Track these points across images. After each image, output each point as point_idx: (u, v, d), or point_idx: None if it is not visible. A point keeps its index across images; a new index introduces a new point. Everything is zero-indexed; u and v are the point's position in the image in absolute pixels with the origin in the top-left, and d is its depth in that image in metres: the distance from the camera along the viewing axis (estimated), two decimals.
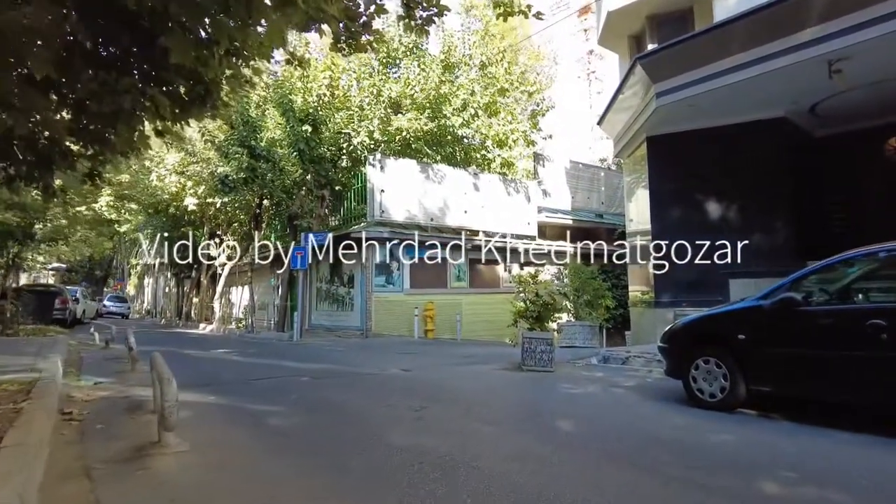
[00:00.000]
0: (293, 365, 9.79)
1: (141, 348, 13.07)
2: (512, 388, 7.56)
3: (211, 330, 23.41)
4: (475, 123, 18.11)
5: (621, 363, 10.27)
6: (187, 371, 8.66)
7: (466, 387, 7.37)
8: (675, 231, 11.87)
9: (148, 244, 37.86)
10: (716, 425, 5.21)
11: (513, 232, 20.27)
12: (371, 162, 16.95)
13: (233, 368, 9.34)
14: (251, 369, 9.18)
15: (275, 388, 7.00)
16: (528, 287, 9.38)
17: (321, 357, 11.49)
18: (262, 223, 23.42)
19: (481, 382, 7.96)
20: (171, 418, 3.87)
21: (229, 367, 9.48)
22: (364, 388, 7.10)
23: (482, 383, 7.88)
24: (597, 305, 14.22)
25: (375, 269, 16.87)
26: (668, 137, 11.89)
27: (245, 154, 15.92)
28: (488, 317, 19.31)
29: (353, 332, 17.12)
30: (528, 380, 8.06)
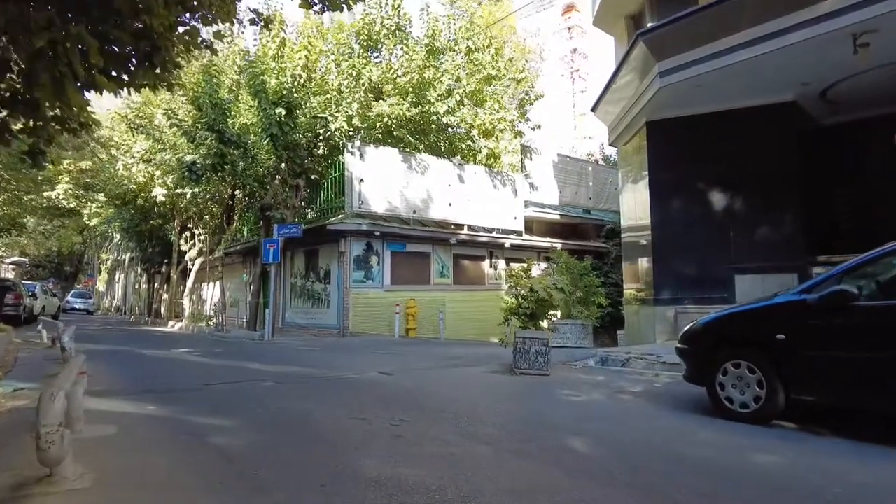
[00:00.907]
0: (258, 367, 8.76)
1: (96, 347, 12.02)
2: (506, 395, 6.64)
3: (180, 328, 22.13)
4: (461, 111, 17.16)
5: (621, 365, 9.43)
6: (134, 373, 7.59)
7: (454, 394, 6.42)
8: (676, 223, 11.08)
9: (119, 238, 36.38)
10: (754, 442, 4.35)
11: (499, 227, 19.39)
12: (350, 149, 15.92)
13: (189, 371, 8.27)
14: (209, 372, 8.13)
15: (230, 396, 5.98)
16: (520, 282, 8.47)
17: (292, 358, 10.46)
18: (235, 215, 22.18)
19: (470, 388, 7.04)
20: (51, 450, 2.85)
21: (185, 370, 8.42)
22: (336, 395, 6.12)
23: (471, 389, 6.95)
24: (589, 303, 13.39)
25: (354, 263, 15.84)
26: (670, 123, 11.09)
27: (214, 139, 14.75)
28: (473, 315, 18.42)
29: (330, 331, 16.08)
30: (523, 385, 7.16)
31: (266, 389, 6.46)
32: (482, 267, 19.29)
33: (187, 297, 23.67)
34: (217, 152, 14.90)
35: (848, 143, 11.15)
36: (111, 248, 44.29)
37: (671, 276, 10.97)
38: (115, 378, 7.07)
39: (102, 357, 9.69)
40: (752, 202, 10.59)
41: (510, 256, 20.05)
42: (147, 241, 29.54)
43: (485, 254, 19.31)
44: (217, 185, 20.79)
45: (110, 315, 41.44)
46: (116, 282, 45.44)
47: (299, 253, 18.13)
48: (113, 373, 7.65)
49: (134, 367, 8.54)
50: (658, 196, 11.24)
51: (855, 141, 11.09)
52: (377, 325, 16.16)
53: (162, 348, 11.99)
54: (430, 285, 17.61)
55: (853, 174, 11.18)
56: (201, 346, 13.21)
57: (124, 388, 6.20)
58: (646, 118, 11.39)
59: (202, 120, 14.81)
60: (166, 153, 19.83)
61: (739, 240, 10.56)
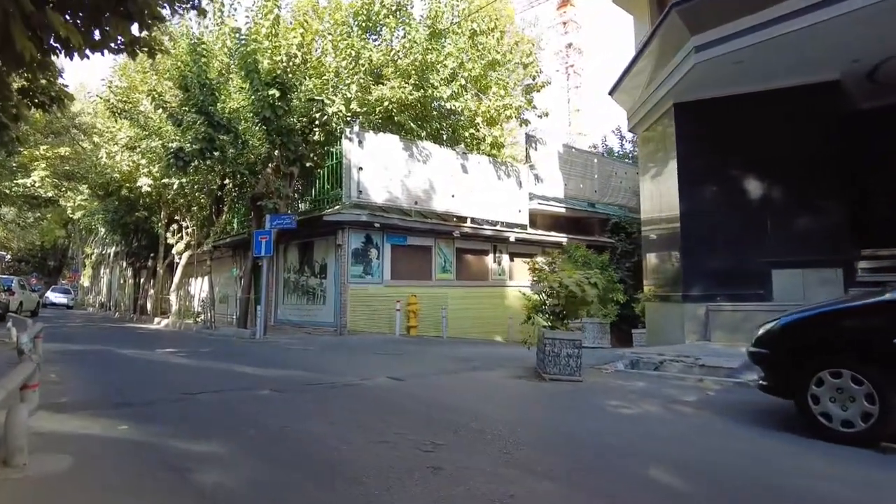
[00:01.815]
0: (252, 371, 7.79)
1: (71, 347, 10.87)
2: (544, 407, 5.72)
3: (166, 325, 21.05)
4: (465, 97, 16.19)
5: (654, 369, 8.56)
6: (109, 380, 6.59)
7: (484, 408, 5.49)
8: (707, 213, 10.22)
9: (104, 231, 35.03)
10: (885, 474, 3.47)
11: (503, 220, 18.47)
12: (348, 135, 14.91)
13: (173, 376, 7.28)
14: (196, 377, 7.14)
15: (221, 411, 5.01)
16: (548, 277, 7.55)
17: (288, 360, 9.49)
18: (224, 207, 21.10)
19: (501, 399, 6.11)
20: None
21: (168, 374, 7.42)
22: (346, 409, 5.17)
23: (503, 401, 6.02)
24: (608, 300, 12.52)
25: (352, 257, 14.85)
26: (701, 105, 10.21)
27: (202, 122, 13.68)
28: (476, 312, 17.53)
29: (326, 329, 15.09)
30: (559, 394, 6.25)
31: (263, 401, 5.49)
32: (485, 262, 18.37)
33: (174, 293, 22.55)
34: (205, 136, 13.84)
35: (889, 128, 10.32)
36: (96, 242, 42.90)
37: (702, 270, 10.11)
38: (85, 386, 6.08)
39: (76, 359, 8.67)
40: (790, 190, 9.75)
41: (514, 251, 19.16)
42: (132, 234, 28.32)
43: (488, 248, 18.39)
44: (205, 175, 19.72)
45: (94, 311, 40.11)
46: (101, 277, 44.05)
47: (293, 246, 17.12)
48: (84, 379, 6.65)
49: (110, 371, 7.53)
50: (687, 184, 10.36)
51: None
52: (376, 323, 15.21)
53: (144, 348, 10.96)
54: (432, 281, 16.67)
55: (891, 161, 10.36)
56: (188, 345, 12.20)
57: (94, 400, 5.21)
58: (673, 100, 10.51)
59: (190, 102, 13.73)
60: (152, 140, 18.72)
61: (777, 231, 9.72)
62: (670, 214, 10.79)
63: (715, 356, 8.33)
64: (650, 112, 11.48)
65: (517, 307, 18.99)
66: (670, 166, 10.77)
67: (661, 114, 11.13)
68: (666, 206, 11.03)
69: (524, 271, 19.83)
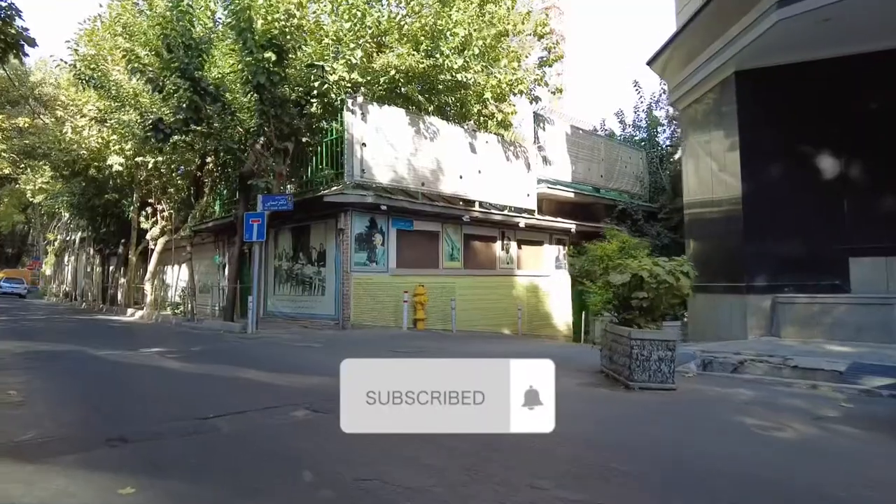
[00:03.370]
0: (266, 379, 6.37)
1: (33, 347, 8.95)
2: (667, 427, 4.45)
3: (141, 317, 19.26)
4: (475, 68, 14.77)
5: (732, 370, 7.43)
6: (86, 396, 5.10)
7: (595, 432, 4.22)
8: (774, 194, 9.11)
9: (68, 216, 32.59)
10: None
11: (511, 204, 17.20)
12: (350, 107, 13.39)
13: (171, 389, 5.81)
14: (201, 390, 5.70)
15: (255, 449, 3.59)
16: (630, 264, 6.29)
17: (298, 361, 8.07)
18: (205, 188, 19.34)
19: (601, 418, 4.83)
20: None
21: (165, 387, 5.94)
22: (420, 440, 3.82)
23: (606, 421, 4.74)
24: None
25: (355, 243, 13.41)
26: (768, 73, 9.06)
27: (187, 88, 12.00)
28: (483, 304, 16.28)
29: (325, 322, 13.66)
30: (669, 409, 5.03)
31: (305, 428, 4.11)
32: (494, 249, 17.10)
33: (149, 282, 20.72)
34: (190, 105, 12.16)
35: None
36: (59, 228, 40.27)
37: (767, 258, 9.00)
38: (58, 409, 4.58)
39: (42, 364, 7.10)
40: (873, 169, 8.69)
41: (522, 238, 17.94)
42: (101, 218, 26.18)
43: (496, 235, 17.12)
44: (183, 154, 17.96)
45: (58, 301, 37.64)
46: (66, 264, 41.43)
47: (285, 231, 15.56)
48: (56, 397, 5.14)
49: (89, 382, 6.02)
50: (751, 162, 9.22)
51: None
52: (381, 316, 13.83)
53: (125, 347, 9.38)
54: (440, 269, 15.33)
55: None
56: (173, 342, 10.65)
57: (74, 435, 3.76)
58: (735, 68, 9.31)
59: (172, 65, 12.01)
60: (125, 112, 16.86)
61: (856, 215, 8.66)
62: (728, 196, 9.65)
63: (806, 356, 7.22)
64: (702, 82, 10.28)
65: (526, 298, 17.86)
66: (728, 142, 9.61)
67: (715, 84, 9.94)
68: (721, 186, 9.89)
69: (532, 259, 18.68)
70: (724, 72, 9.55)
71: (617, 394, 5.69)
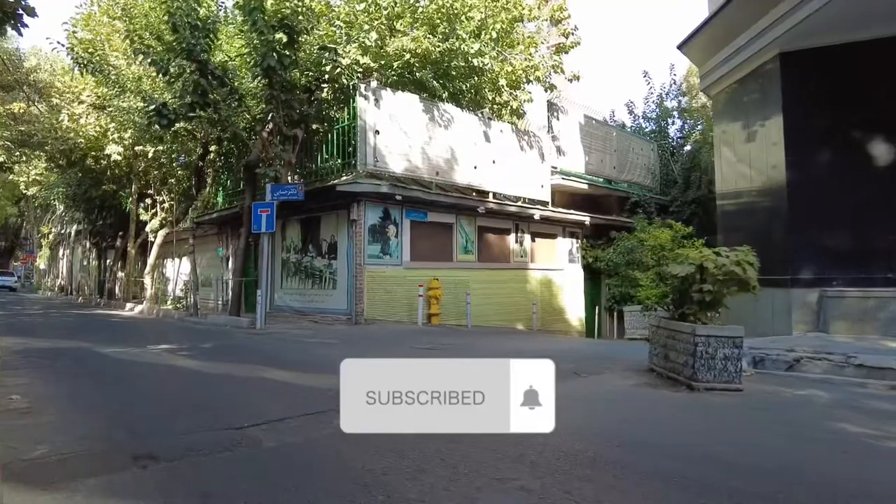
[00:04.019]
0: (291, 378, 5.81)
1: (33, 344, 8.31)
2: (758, 435, 3.92)
3: (141, 311, 18.64)
4: (491, 53, 14.19)
5: (786, 368, 6.92)
6: (100, 402, 4.54)
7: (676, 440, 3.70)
8: (822, 183, 8.59)
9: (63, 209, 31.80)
10: None
11: (525, 195, 16.66)
12: (363, 92, 12.79)
13: (190, 391, 5.25)
14: (223, 392, 5.14)
15: (309, 470, 3.07)
16: (686, 254, 5.78)
17: (318, 358, 7.50)
18: (207, 178, 18.71)
19: (678, 422, 4.31)
20: None
21: (184, 388, 5.38)
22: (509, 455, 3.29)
23: (685, 425, 4.21)
24: None
25: (369, 234, 12.84)
26: (817, 54, 8.52)
27: (193, 70, 11.38)
28: (497, 298, 15.74)
29: (336, 317, 13.09)
30: (746, 413, 4.54)
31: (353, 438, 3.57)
32: (507, 242, 16.55)
33: (148, 276, 20.09)
34: (196, 88, 11.54)
35: None
36: (54, 221, 39.49)
37: (814, 250, 8.49)
38: (70, 417, 4.03)
39: (45, 363, 6.52)
40: None
41: (536, 231, 17.40)
42: (97, 210, 25.49)
43: (510, 227, 16.57)
44: (185, 143, 17.34)
45: (54, 295, 36.92)
46: (61, 258, 40.69)
47: (293, 222, 14.96)
48: (66, 402, 4.58)
49: (100, 384, 5.47)
50: (796, 148, 8.69)
51: None
52: (395, 310, 13.28)
53: (130, 343, 8.81)
54: (453, 262, 14.78)
55: None
56: (180, 338, 10.08)
57: (92, 450, 3.21)
58: (780, 49, 8.77)
59: (181, 45, 11.36)
60: (124, 99, 16.20)
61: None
62: (770, 184, 9.13)
63: (869, 353, 6.71)
64: (740, 65, 9.74)
65: (539, 292, 17.34)
66: (770, 128, 9.09)
67: (756, 66, 9.39)
68: (761, 174, 9.37)
69: (546, 253, 18.15)
70: (768, 53, 9.00)
71: (681, 395, 5.18)
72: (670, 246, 6.38)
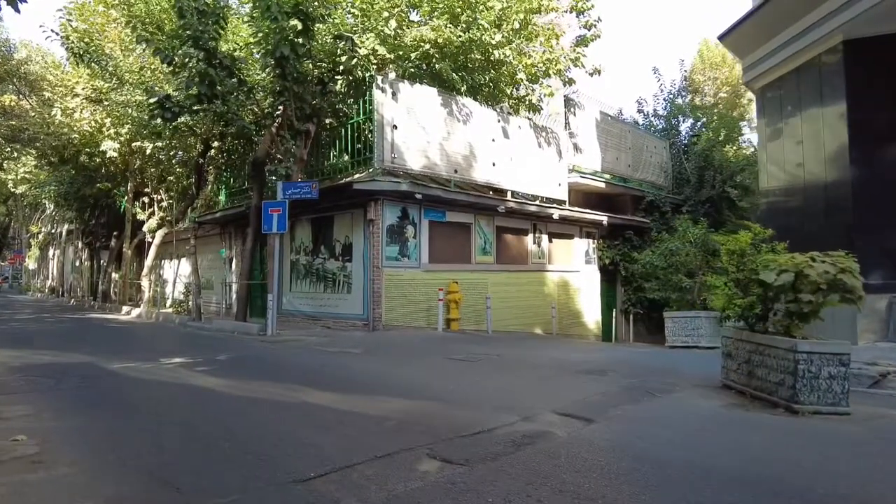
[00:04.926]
0: (331, 401, 5.08)
1: (30, 359, 7.28)
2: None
3: (139, 315, 17.80)
4: (512, 44, 13.49)
5: (872, 385, 6.29)
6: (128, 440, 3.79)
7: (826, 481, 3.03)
8: (892, 179, 7.96)
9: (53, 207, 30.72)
10: None
11: (543, 194, 16.00)
12: (380, 84, 12.07)
13: (220, 421, 4.50)
14: (260, 423, 4.40)
15: None
16: (779, 261, 5.12)
17: (352, 373, 6.79)
18: (209, 176, 17.89)
19: (828, 463, 3.60)
20: None
21: (212, 418, 4.63)
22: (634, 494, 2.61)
23: (836, 468, 3.51)
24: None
25: (387, 235, 12.12)
26: (886, 41, 7.88)
27: (201, 59, 10.60)
28: (515, 301, 15.07)
29: (353, 322, 12.37)
30: (880, 445, 3.86)
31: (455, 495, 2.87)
32: (525, 243, 15.88)
33: (146, 278, 19.23)
34: (203, 78, 10.76)
35: None
36: (43, 220, 38.35)
37: (882, 252, 7.87)
38: (87, 464, 3.26)
39: (47, 384, 5.74)
40: None
41: (553, 231, 16.75)
42: (91, 209, 24.55)
43: (528, 227, 15.90)
44: (185, 139, 16.51)
45: (44, 297, 35.84)
46: (51, 258, 39.59)
47: (303, 222, 14.19)
48: (80, 442, 3.81)
49: (115, 413, 4.70)
50: (862, 143, 8.06)
51: None
52: (413, 315, 12.57)
53: (138, 355, 8.04)
54: (472, 264, 14.08)
55: None
56: (190, 349, 9.31)
57: None
58: (843, 36, 8.14)
59: (186, 31, 10.58)
60: (123, 92, 15.37)
61: None
62: (829, 182, 8.50)
63: None
64: (793, 56, 9.11)
65: (557, 295, 16.68)
66: (830, 122, 8.47)
67: (813, 56, 8.76)
68: (817, 171, 8.74)
69: (563, 254, 17.48)
70: (829, 42, 8.37)
71: (784, 420, 4.53)
72: (749, 250, 5.72)
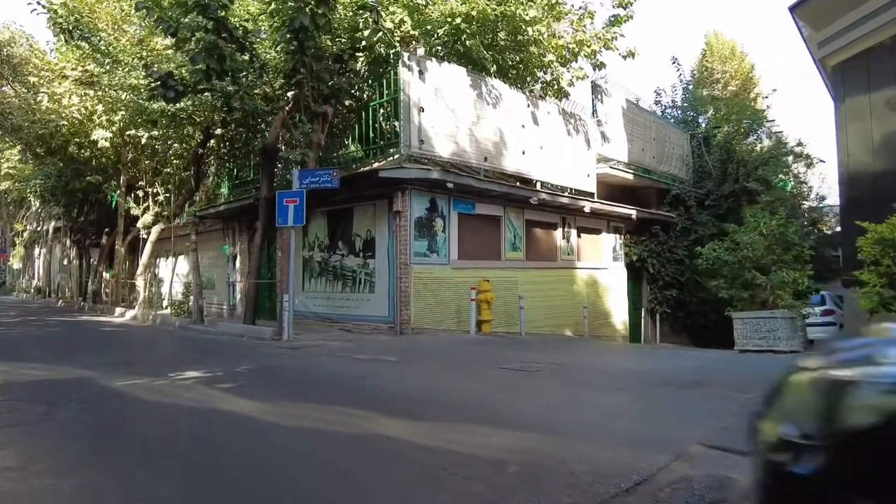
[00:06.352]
0: (409, 434, 3.89)
1: (19, 375, 5.86)
2: None
3: (134, 317, 16.44)
4: (546, 21, 12.36)
5: None
6: None
7: None
8: None
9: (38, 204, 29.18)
10: None
11: (572, 185, 14.90)
12: (406, 62, 10.88)
13: (285, 473, 3.29)
14: (351, 476, 3.20)
15: None
16: None
17: (428, 391, 5.60)
18: (210, 168, 16.61)
19: None
20: None
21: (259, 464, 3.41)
22: None
23: None
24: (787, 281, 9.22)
25: (414, 228, 10.94)
26: None
27: (211, 29, 9.35)
28: (546, 301, 13.89)
29: (377, 326, 11.18)
30: None
31: None
32: (554, 238, 14.74)
33: (141, 277, 17.89)
34: (212, 51, 9.51)
35: None
36: (28, 218, 36.69)
37: None
38: None
39: (37, 411, 4.49)
40: None
41: (582, 225, 15.62)
42: (80, 205, 23.10)
43: (557, 221, 14.75)
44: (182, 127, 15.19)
45: (30, 297, 34.23)
46: (37, 257, 37.95)
47: (317, 215, 12.93)
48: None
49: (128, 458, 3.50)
50: None
51: None
52: (443, 317, 11.41)
53: (143, 368, 6.79)
54: (502, 261, 12.93)
55: None
56: (201, 358, 8.07)
57: None
58: None
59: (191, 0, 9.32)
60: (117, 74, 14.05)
61: None
62: None
63: None
64: (885, 25, 8.02)
65: (586, 294, 15.56)
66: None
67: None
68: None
69: (591, 250, 16.34)
70: None
71: None
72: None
